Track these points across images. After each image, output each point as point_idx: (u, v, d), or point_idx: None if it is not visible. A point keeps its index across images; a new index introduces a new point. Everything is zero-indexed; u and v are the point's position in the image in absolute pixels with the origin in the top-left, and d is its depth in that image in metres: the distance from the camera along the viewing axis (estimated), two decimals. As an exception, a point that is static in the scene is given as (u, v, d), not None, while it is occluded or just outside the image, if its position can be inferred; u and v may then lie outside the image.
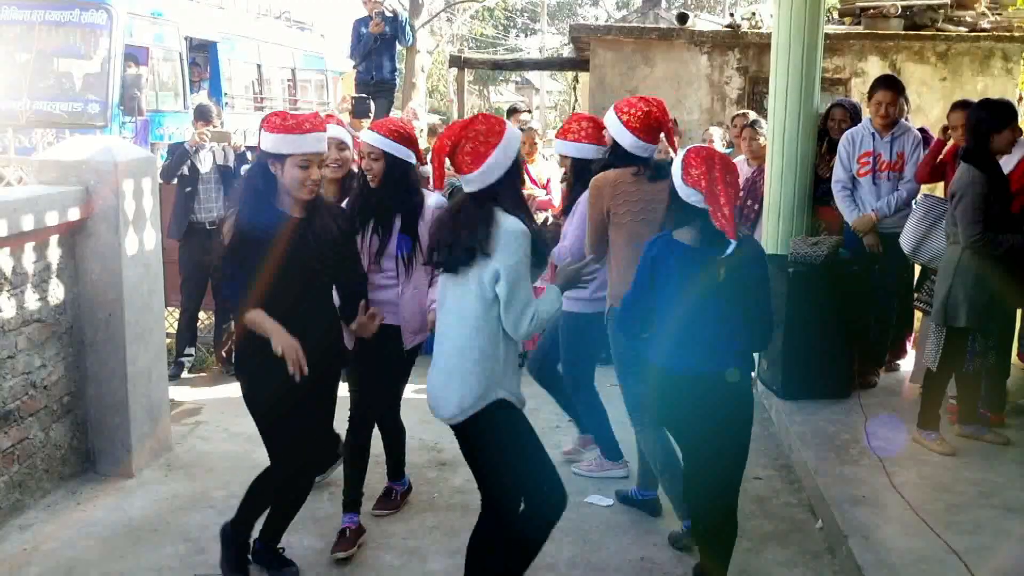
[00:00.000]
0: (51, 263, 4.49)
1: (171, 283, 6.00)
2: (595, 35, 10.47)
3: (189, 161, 6.50)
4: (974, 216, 4.60)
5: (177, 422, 5.60)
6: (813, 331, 5.54)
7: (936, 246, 5.05)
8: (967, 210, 4.62)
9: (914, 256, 5.28)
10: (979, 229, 4.59)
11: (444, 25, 29.56)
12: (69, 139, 7.91)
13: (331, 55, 17.20)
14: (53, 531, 4.18)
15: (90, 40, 10.62)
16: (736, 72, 10.04)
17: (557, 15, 38.61)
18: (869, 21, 10.19)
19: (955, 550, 3.77)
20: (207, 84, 12.84)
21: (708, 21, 11.25)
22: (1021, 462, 4.78)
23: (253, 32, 14.53)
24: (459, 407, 3.13)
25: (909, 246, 5.23)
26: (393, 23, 9.95)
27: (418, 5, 20.93)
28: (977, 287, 4.68)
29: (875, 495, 4.36)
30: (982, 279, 4.68)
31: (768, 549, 4.14)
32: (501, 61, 16.40)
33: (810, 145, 6.18)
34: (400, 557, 4.02)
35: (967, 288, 4.68)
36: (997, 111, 4.71)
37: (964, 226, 4.65)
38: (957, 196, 4.68)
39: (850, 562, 3.83)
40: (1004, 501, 4.30)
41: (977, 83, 9.70)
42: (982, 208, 4.59)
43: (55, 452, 4.59)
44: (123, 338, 4.67)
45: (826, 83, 8.64)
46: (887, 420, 5.28)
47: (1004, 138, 4.64)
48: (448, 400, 3.16)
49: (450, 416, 3.17)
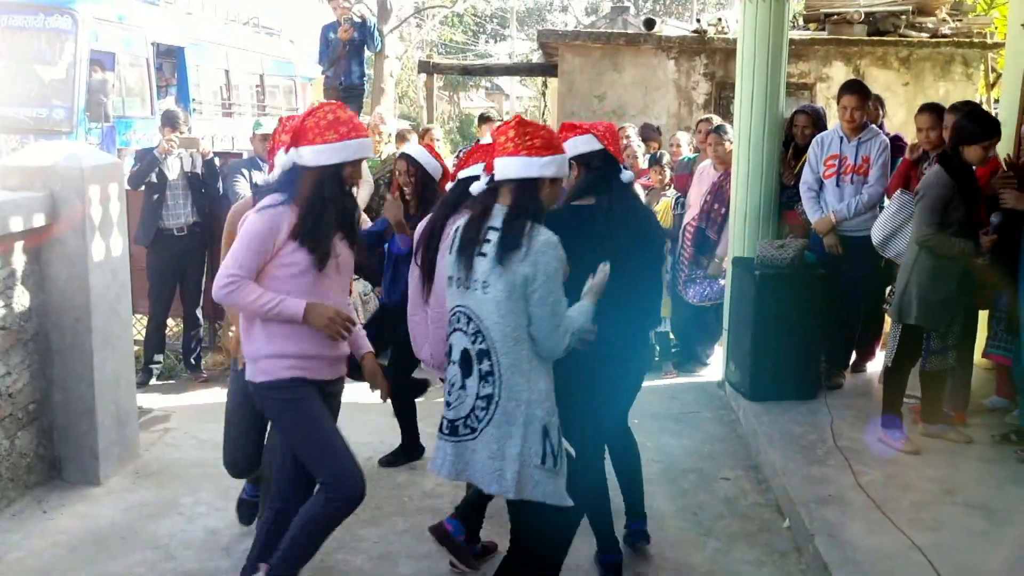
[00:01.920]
0: (16, 269, 4.44)
1: (139, 290, 5.96)
2: (563, 41, 10.53)
3: (157, 168, 6.46)
4: (929, 217, 4.70)
5: (145, 429, 5.55)
6: (780, 333, 5.61)
7: (903, 243, 5.13)
8: (923, 210, 4.71)
9: (882, 250, 5.35)
10: (931, 230, 4.69)
11: (413, 31, 29.56)
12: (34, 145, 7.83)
13: (299, 61, 17.16)
14: (19, 540, 4.14)
15: (55, 45, 10.53)
16: (703, 77, 10.14)
17: (526, 21, 38.68)
18: (833, 27, 10.33)
19: (919, 546, 3.83)
20: (174, 90, 12.76)
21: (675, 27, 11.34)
22: (983, 460, 4.86)
23: (221, 38, 14.46)
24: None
25: (878, 239, 5.31)
26: (362, 28, 9.93)
27: (387, 10, 20.93)
28: (931, 286, 4.77)
29: (841, 494, 4.42)
30: (937, 278, 4.77)
31: (736, 548, 4.19)
32: (470, 66, 16.44)
33: (776, 149, 6.26)
34: (371, 561, 4.01)
35: (921, 286, 4.78)
36: (978, 124, 4.74)
37: (917, 225, 4.75)
38: (919, 194, 4.78)
39: (817, 560, 3.88)
40: (966, 498, 4.38)
41: (939, 88, 9.86)
42: (939, 210, 4.68)
43: (21, 460, 4.54)
44: (90, 345, 4.64)
45: (791, 88, 8.74)
46: (853, 421, 5.36)
47: (974, 152, 4.71)
48: None
49: None
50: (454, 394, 3.10)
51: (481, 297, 3.01)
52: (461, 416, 3.06)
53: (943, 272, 4.77)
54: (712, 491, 4.81)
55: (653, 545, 4.12)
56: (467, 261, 3.05)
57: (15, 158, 5.09)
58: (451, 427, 3.09)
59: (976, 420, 5.37)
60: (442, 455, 3.12)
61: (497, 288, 2.98)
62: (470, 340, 3.04)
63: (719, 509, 4.59)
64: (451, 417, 3.10)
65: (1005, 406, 5.52)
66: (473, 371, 3.04)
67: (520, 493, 2.97)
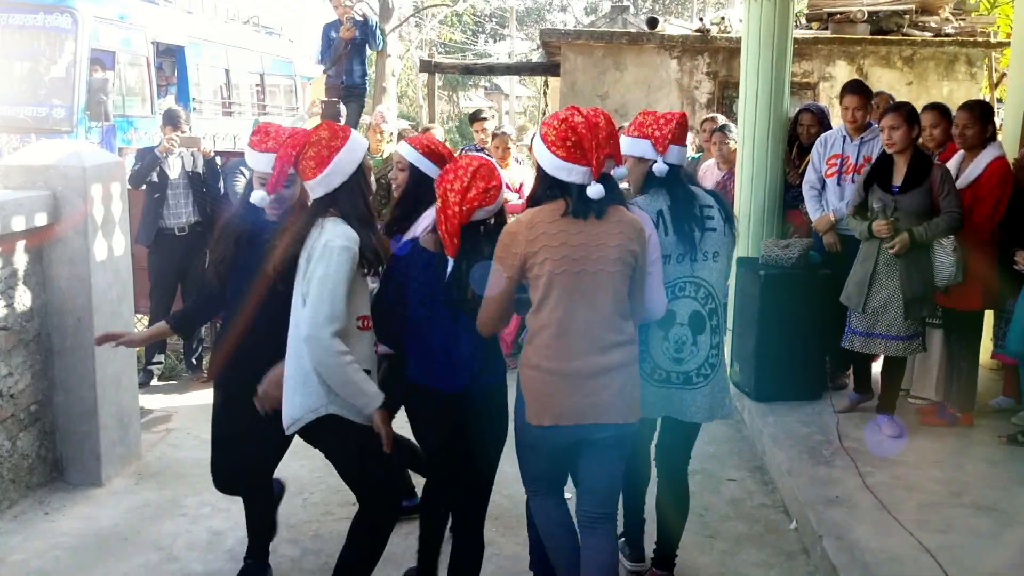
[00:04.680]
0: (18, 269, 4.42)
1: (140, 289, 5.93)
2: (565, 39, 10.50)
3: (158, 167, 6.43)
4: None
5: (147, 430, 5.53)
6: (784, 333, 5.58)
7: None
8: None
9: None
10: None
11: (413, 31, 29.54)
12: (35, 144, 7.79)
13: (300, 60, 17.14)
14: (21, 542, 4.11)
15: (55, 44, 10.51)
16: (706, 76, 10.12)
17: (526, 20, 38.67)
18: (837, 26, 10.32)
19: (927, 548, 3.81)
20: (175, 89, 12.73)
21: (677, 26, 11.32)
22: (990, 461, 4.84)
23: (221, 37, 14.43)
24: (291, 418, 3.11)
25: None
26: (363, 27, 9.90)
27: (389, 9, 20.89)
28: (856, 266, 5.11)
29: (848, 495, 4.40)
30: (859, 259, 5.10)
31: (743, 551, 4.16)
32: (472, 65, 16.41)
33: (780, 148, 6.24)
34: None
35: (854, 266, 5.15)
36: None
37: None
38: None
39: (825, 562, 3.86)
40: (974, 500, 4.36)
41: (943, 87, 9.85)
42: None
43: (22, 461, 4.52)
44: (92, 345, 4.60)
45: (795, 87, 8.72)
46: (859, 421, 5.33)
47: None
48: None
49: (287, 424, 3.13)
50: (685, 351, 3.43)
51: (712, 266, 3.44)
52: (695, 367, 3.44)
53: (863, 254, 5.09)
54: (718, 492, 4.79)
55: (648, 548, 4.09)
56: (690, 237, 3.37)
57: (16, 157, 5.06)
58: (685, 377, 3.44)
59: (983, 421, 5.34)
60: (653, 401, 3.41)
61: (723, 256, 3.46)
62: (700, 303, 3.43)
63: (725, 510, 4.57)
64: (685, 370, 3.44)
65: (1011, 406, 5.49)
66: (705, 328, 3.44)
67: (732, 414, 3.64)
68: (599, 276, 2.96)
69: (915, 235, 4.84)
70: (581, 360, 2.97)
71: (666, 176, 3.40)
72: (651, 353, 3.44)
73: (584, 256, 2.94)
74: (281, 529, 4.14)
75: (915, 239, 4.85)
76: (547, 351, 2.98)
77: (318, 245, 2.99)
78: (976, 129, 5.13)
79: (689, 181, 3.55)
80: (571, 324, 2.96)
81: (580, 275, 2.94)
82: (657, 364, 3.44)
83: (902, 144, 4.91)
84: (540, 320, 2.99)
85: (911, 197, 4.90)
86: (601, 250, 2.96)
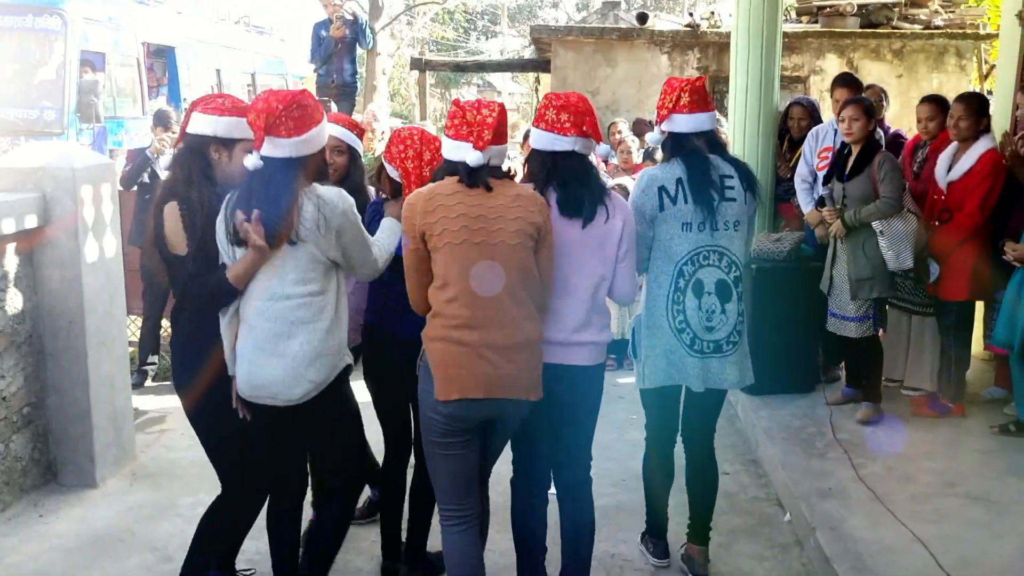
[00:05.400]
0: (8, 271, 4.41)
1: (133, 291, 5.91)
2: (556, 36, 10.50)
3: (149, 168, 6.42)
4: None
5: (141, 431, 5.52)
6: (777, 326, 5.59)
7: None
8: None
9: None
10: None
11: (404, 28, 29.48)
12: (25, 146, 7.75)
13: (291, 59, 17.11)
14: (15, 544, 4.11)
15: (45, 46, 10.44)
16: (696, 71, 10.12)
17: (517, 17, 38.64)
18: (826, 20, 10.33)
19: (921, 539, 3.83)
20: (166, 89, 12.70)
21: (668, 21, 11.32)
22: (983, 451, 4.86)
23: (212, 37, 14.40)
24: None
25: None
26: (353, 26, 9.90)
27: (379, 7, 20.84)
28: (827, 252, 5.36)
29: (842, 487, 4.41)
30: (828, 247, 5.36)
31: (737, 543, 4.17)
32: (463, 63, 16.40)
33: (771, 142, 6.24)
34: (370, 562, 3.99)
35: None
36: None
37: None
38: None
39: (818, 554, 3.88)
40: (967, 490, 4.38)
41: (932, 80, 9.86)
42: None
43: (16, 464, 4.51)
44: (84, 346, 4.60)
45: (785, 81, 8.74)
46: (852, 414, 5.34)
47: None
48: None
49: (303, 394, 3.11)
50: (716, 319, 3.53)
51: (733, 235, 3.53)
52: (725, 336, 3.55)
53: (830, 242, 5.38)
54: (712, 486, 4.79)
55: (654, 541, 4.12)
56: (709, 207, 3.44)
57: (6, 159, 5.06)
58: (716, 345, 3.54)
59: (975, 411, 5.36)
60: (691, 372, 3.53)
61: (742, 225, 3.54)
62: (724, 272, 3.53)
63: (719, 504, 4.51)
64: (715, 338, 3.54)
65: (1004, 396, 5.51)
66: (732, 296, 3.55)
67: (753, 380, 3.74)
68: (500, 247, 2.98)
69: (846, 219, 5.11)
70: (488, 331, 2.98)
71: (681, 144, 3.52)
72: (690, 323, 3.53)
73: (483, 228, 2.98)
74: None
75: (846, 223, 5.11)
76: (455, 321, 2.99)
77: (336, 213, 3.04)
78: (970, 121, 5.16)
79: (713, 148, 3.55)
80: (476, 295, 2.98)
81: (481, 246, 2.97)
82: (696, 334, 3.54)
83: (859, 135, 5.12)
84: (447, 293, 3.00)
85: (855, 184, 5.14)
86: (500, 222, 2.99)
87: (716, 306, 3.53)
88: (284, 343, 3.06)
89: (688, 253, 3.50)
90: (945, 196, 5.24)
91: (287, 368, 3.06)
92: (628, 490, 4.67)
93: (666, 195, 3.47)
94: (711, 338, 3.54)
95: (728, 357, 3.58)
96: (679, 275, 3.51)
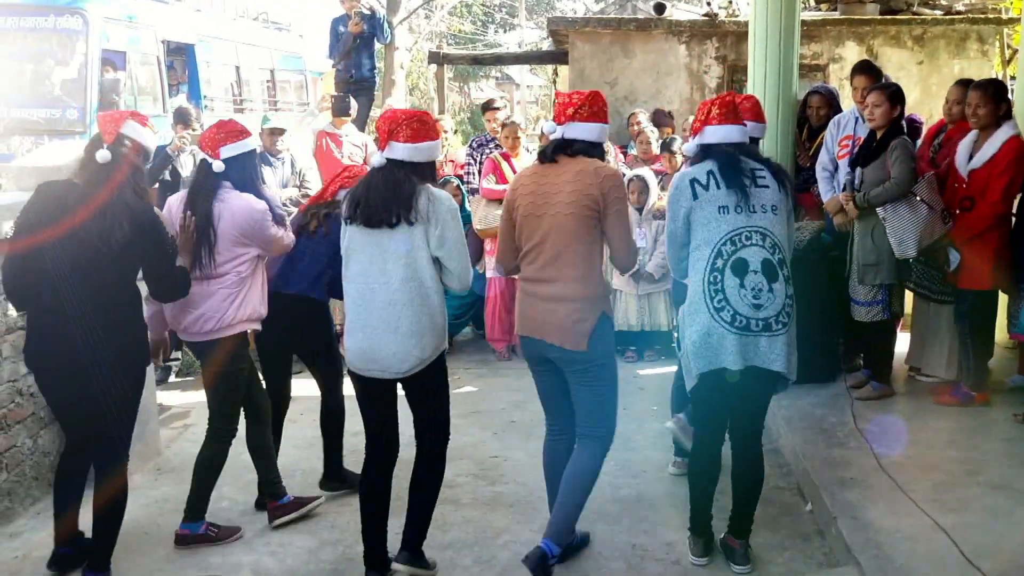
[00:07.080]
0: (33, 270, 4.45)
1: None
2: (573, 27, 10.45)
3: (170, 165, 6.48)
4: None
5: (166, 426, 5.58)
6: (797, 316, 5.52)
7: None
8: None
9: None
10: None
11: (422, 22, 29.48)
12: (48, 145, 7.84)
13: (310, 55, 17.14)
14: (43, 538, 4.16)
15: (66, 46, 10.54)
16: (715, 61, 10.06)
17: (535, 9, 38.49)
18: (845, 7, 10.22)
19: (943, 527, 3.81)
20: (185, 87, 12.77)
21: (685, 11, 11.24)
22: (1005, 440, 4.83)
23: (231, 34, 14.45)
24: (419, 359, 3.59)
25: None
26: (371, 21, 9.93)
27: (396, 2, 20.86)
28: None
29: (863, 476, 4.40)
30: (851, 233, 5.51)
31: (759, 533, 4.15)
32: (481, 56, 16.37)
33: (790, 131, 6.21)
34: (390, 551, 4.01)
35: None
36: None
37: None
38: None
39: (840, 543, 3.87)
40: (989, 479, 4.35)
41: (954, 66, 9.74)
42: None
43: (44, 459, 4.57)
44: (108, 343, 4.64)
45: (804, 70, 8.67)
46: (873, 402, 5.33)
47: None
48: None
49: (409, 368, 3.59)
50: (763, 297, 3.58)
51: (772, 218, 3.64)
52: (774, 314, 3.59)
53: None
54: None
55: (674, 530, 4.13)
56: (743, 190, 3.60)
57: (30, 158, 5.11)
58: (765, 324, 3.58)
59: (997, 399, 5.33)
60: (729, 350, 3.58)
61: (781, 210, 3.66)
62: (769, 252, 3.61)
63: (740, 494, 4.57)
64: (764, 316, 3.58)
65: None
66: (779, 276, 3.60)
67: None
68: (556, 218, 3.61)
69: (856, 200, 5.19)
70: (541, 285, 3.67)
71: (711, 149, 3.73)
72: (729, 302, 3.58)
73: (544, 202, 3.65)
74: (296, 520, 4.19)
75: (858, 204, 5.19)
76: (524, 275, 3.77)
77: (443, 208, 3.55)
78: (989, 108, 5.11)
79: (746, 154, 3.74)
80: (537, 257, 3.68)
81: (542, 217, 3.65)
82: (737, 311, 3.57)
83: (882, 121, 5.16)
84: (522, 255, 3.76)
85: (871, 169, 5.20)
86: (557, 195, 3.62)
87: (763, 284, 3.57)
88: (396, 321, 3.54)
89: (727, 234, 3.60)
90: (967, 184, 5.18)
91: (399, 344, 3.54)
92: (648, 481, 4.68)
93: (699, 185, 3.66)
94: (760, 316, 3.56)
95: (778, 337, 3.58)
96: (716, 255, 3.60)
